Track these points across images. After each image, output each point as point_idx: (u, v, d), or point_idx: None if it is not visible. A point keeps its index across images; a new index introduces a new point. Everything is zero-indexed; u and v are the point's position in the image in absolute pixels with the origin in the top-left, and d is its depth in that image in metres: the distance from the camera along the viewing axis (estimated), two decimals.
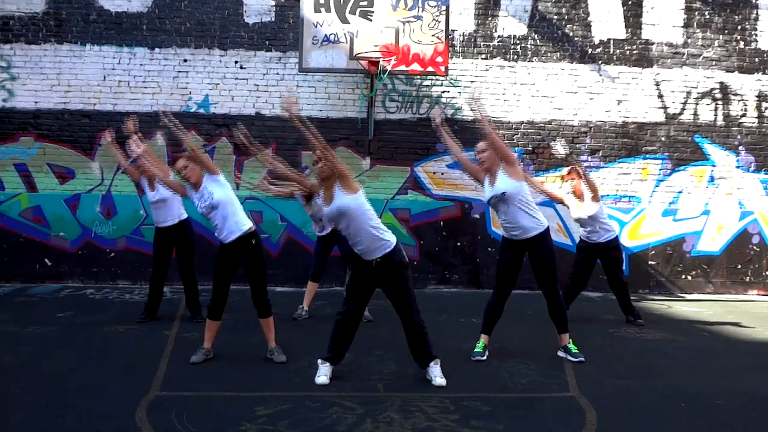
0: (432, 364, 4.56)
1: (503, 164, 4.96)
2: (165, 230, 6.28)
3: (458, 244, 8.76)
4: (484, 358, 5.16)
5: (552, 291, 5.19)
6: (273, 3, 8.60)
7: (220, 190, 4.91)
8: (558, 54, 8.84)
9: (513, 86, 8.80)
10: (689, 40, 8.96)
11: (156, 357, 5.05)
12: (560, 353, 5.28)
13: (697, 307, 7.98)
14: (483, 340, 5.28)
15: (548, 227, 5.14)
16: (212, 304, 4.99)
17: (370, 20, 7.91)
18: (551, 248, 5.14)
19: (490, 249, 8.72)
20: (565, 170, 6.69)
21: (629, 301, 6.77)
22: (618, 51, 8.89)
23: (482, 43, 8.78)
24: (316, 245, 6.73)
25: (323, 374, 4.50)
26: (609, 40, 8.88)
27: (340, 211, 4.37)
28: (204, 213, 4.94)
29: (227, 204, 4.90)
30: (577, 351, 5.21)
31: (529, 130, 8.82)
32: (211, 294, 4.99)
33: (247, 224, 4.97)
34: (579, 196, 6.59)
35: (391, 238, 4.49)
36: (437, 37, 7.93)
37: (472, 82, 8.75)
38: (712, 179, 9.01)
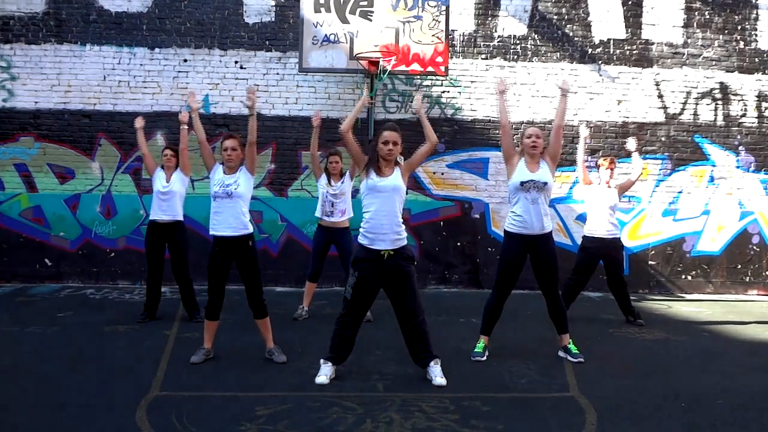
0: (432, 363, 4.56)
1: (549, 158, 5.12)
2: (160, 226, 6.29)
3: (458, 244, 8.76)
4: (484, 358, 5.16)
5: (553, 292, 5.21)
6: (273, 3, 8.60)
7: (245, 184, 4.92)
8: (558, 54, 8.84)
9: (513, 86, 8.80)
10: (689, 40, 8.96)
11: (156, 357, 5.05)
12: (561, 353, 5.29)
13: (697, 307, 7.98)
14: (483, 340, 5.28)
15: None
16: (209, 305, 4.99)
17: (370, 20, 7.91)
18: (555, 249, 5.19)
19: (490, 249, 8.72)
20: (607, 160, 6.80)
21: (629, 302, 6.78)
22: (618, 51, 8.89)
23: (482, 43, 8.79)
24: (313, 245, 6.73)
25: (324, 374, 4.50)
26: (609, 40, 8.88)
27: (395, 187, 4.48)
28: (217, 198, 4.86)
29: (244, 201, 4.92)
30: (577, 351, 5.21)
31: None
32: (207, 295, 5.00)
33: (250, 227, 4.98)
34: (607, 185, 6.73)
35: (406, 234, 4.60)
36: (437, 37, 7.93)
37: (472, 82, 8.76)
38: (712, 179, 9.01)
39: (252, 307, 5.04)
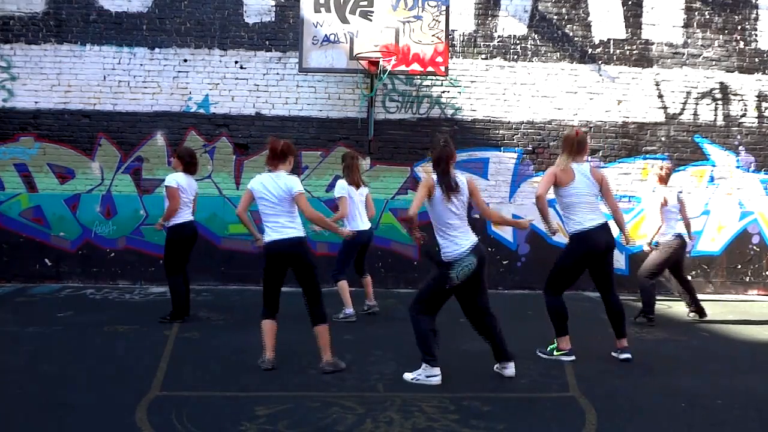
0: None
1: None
2: (189, 225, 6.34)
3: None
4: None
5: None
6: (273, 3, 8.60)
7: None
8: (558, 54, 8.84)
9: (513, 86, 8.80)
10: (689, 40, 8.96)
11: (156, 357, 5.05)
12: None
13: None
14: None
15: None
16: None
17: (370, 20, 7.91)
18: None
19: (490, 249, 8.71)
20: (666, 165, 7.07)
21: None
22: (618, 51, 8.89)
23: (482, 43, 8.78)
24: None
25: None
26: (609, 40, 8.88)
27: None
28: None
29: None
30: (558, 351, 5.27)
31: (529, 130, 8.81)
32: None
33: None
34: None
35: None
36: (437, 37, 7.93)
37: (472, 82, 8.76)
38: (712, 179, 9.01)
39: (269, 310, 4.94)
